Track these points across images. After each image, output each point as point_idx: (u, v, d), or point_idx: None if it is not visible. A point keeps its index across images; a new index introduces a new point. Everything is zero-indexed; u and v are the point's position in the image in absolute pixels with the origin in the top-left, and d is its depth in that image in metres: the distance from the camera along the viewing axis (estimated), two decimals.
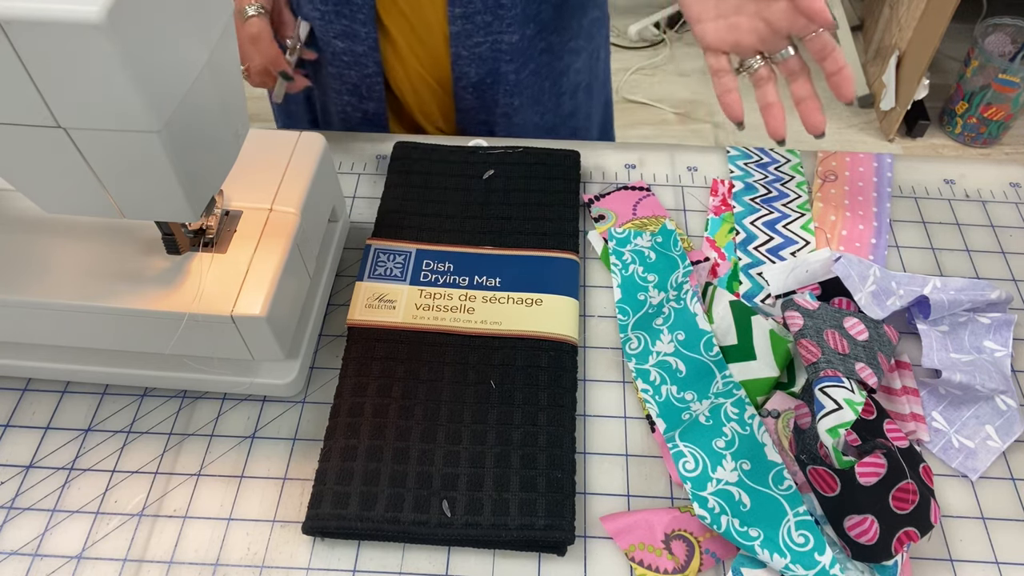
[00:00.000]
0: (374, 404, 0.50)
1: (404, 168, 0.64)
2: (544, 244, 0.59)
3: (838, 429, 0.45)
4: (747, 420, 0.49)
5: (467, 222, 0.60)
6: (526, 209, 0.61)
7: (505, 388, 0.51)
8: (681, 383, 0.52)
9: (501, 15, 0.66)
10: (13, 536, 0.46)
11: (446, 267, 0.57)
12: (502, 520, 0.45)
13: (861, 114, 1.99)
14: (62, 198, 0.42)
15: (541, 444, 0.48)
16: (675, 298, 0.54)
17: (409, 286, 0.56)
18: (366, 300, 0.55)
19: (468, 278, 0.57)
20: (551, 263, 0.58)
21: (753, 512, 0.45)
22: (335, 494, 0.46)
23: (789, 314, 0.52)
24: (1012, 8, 1.81)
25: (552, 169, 0.64)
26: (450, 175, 0.63)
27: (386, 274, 0.56)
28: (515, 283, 0.56)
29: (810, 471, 0.45)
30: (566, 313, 0.55)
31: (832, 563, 0.43)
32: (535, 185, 0.63)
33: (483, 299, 0.55)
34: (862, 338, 0.51)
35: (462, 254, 0.58)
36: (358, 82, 0.71)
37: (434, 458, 0.48)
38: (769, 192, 0.64)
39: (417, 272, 0.57)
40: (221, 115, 0.42)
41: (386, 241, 0.59)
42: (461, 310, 0.55)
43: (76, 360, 0.51)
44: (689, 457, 0.48)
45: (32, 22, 0.31)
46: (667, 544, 0.45)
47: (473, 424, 0.49)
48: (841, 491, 0.43)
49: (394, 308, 0.55)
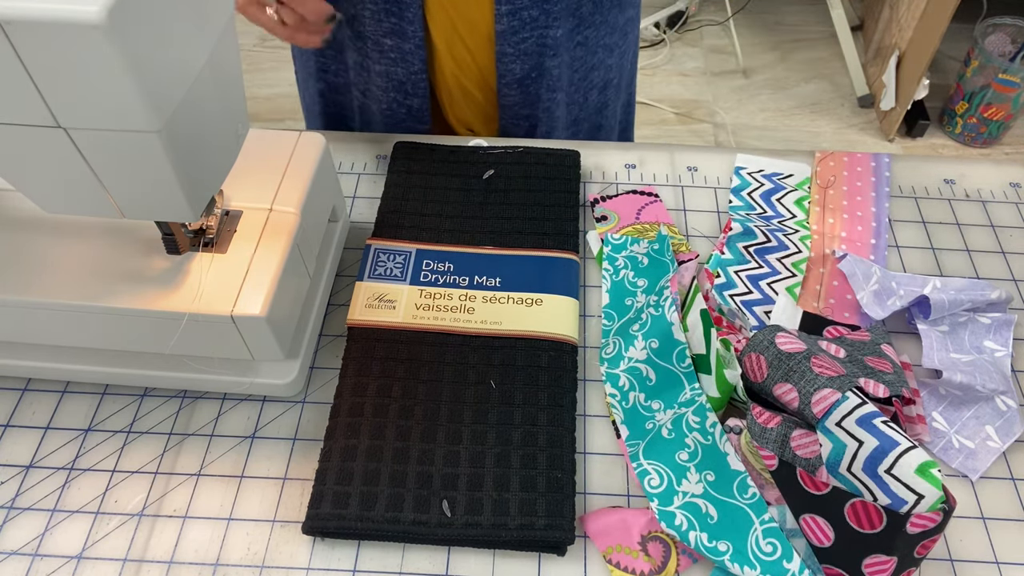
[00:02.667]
0: (374, 404, 0.50)
1: (404, 168, 0.64)
2: (544, 244, 0.59)
3: (928, 470, 0.42)
4: (709, 429, 0.48)
5: (467, 222, 0.60)
6: (526, 209, 0.61)
7: (505, 388, 0.51)
8: (649, 391, 0.51)
9: (547, 9, 0.66)
10: (13, 536, 0.46)
11: (446, 267, 0.57)
12: (502, 520, 0.45)
13: (861, 114, 1.99)
14: (62, 198, 0.42)
15: (541, 444, 0.48)
16: (655, 304, 0.54)
17: (409, 286, 0.56)
18: (366, 300, 0.55)
19: (468, 278, 0.57)
20: (551, 263, 0.58)
21: (720, 524, 0.45)
22: (335, 494, 0.46)
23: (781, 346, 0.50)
24: (1012, 8, 1.81)
25: (552, 169, 0.64)
26: (450, 175, 0.64)
27: (386, 274, 0.56)
28: (515, 283, 0.56)
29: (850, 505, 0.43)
30: (566, 313, 0.55)
31: (801, 569, 0.43)
32: (535, 185, 0.63)
33: (483, 299, 0.55)
34: (841, 355, 0.51)
35: (462, 254, 0.58)
36: (404, 79, 0.72)
37: (434, 458, 0.47)
38: (768, 241, 0.61)
39: (417, 272, 0.57)
40: (221, 115, 0.42)
41: (386, 241, 0.59)
42: (461, 310, 0.55)
43: (76, 360, 0.51)
44: (654, 474, 0.48)
45: (32, 22, 0.31)
46: (643, 546, 0.46)
47: (473, 424, 0.49)
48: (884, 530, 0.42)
49: (394, 308, 0.55)
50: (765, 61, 2.14)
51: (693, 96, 2.04)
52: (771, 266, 0.59)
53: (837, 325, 0.56)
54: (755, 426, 0.48)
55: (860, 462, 0.44)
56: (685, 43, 2.20)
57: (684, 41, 2.20)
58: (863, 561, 0.42)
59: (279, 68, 2.07)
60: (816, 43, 2.19)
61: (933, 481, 0.41)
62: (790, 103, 2.02)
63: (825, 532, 0.44)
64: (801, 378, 0.47)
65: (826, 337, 0.54)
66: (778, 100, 2.03)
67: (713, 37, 2.21)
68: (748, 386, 0.51)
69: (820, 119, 1.98)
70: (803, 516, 0.44)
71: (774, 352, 0.49)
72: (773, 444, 0.47)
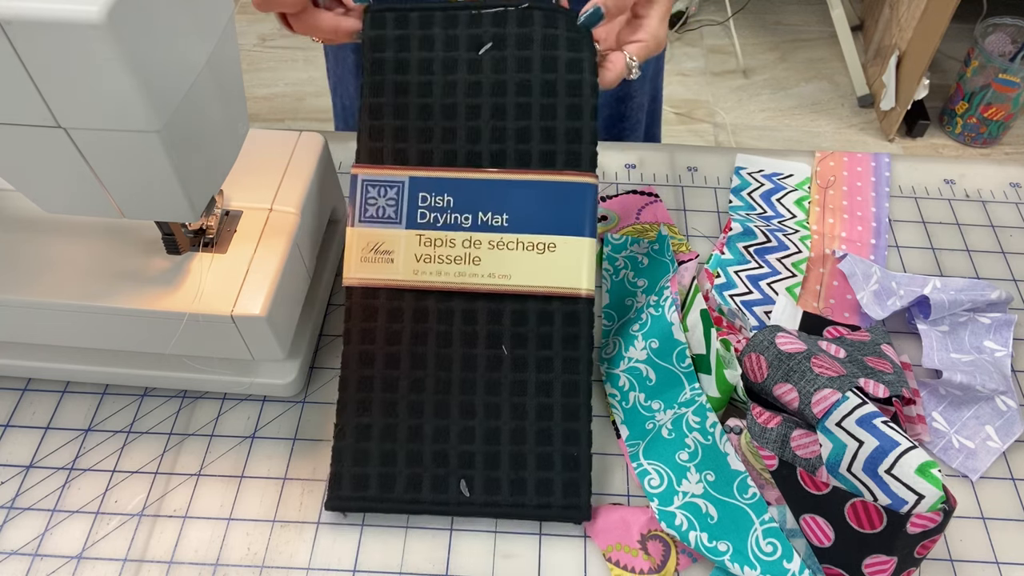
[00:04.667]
0: (383, 377, 0.49)
1: (381, 55, 0.51)
2: (555, 162, 0.50)
3: (929, 470, 0.42)
4: (709, 429, 0.48)
5: (463, 127, 0.51)
6: (532, 109, 0.51)
7: (518, 354, 0.49)
8: (649, 391, 0.51)
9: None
10: (13, 536, 0.46)
11: (445, 201, 0.50)
12: (519, 499, 0.46)
13: (861, 114, 1.99)
14: (62, 198, 0.42)
15: (556, 418, 0.48)
16: (655, 304, 0.53)
17: (406, 230, 0.50)
18: (361, 252, 0.50)
19: (471, 216, 0.50)
20: (564, 191, 0.50)
21: (720, 524, 0.45)
22: (354, 476, 0.47)
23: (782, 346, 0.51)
24: (1012, 8, 1.81)
25: (560, 42, 0.51)
26: (440, 53, 0.51)
27: (379, 215, 0.50)
28: (524, 222, 0.50)
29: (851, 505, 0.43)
30: (581, 258, 0.49)
31: (801, 569, 0.43)
32: (543, 66, 0.51)
33: (489, 244, 0.50)
34: (841, 356, 0.51)
35: (462, 181, 0.50)
36: None
37: (449, 435, 0.48)
38: (768, 241, 0.61)
39: (413, 210, 0.50)
40: (221, 115, 0.42)
41: (373, 168, 0.50)
42: (466, 260, 0.50)
43: (76, 360, 0.51)
44: (654, 474, 0.48)
45: (32, 22, 0.31)
46: (643, 544, 0.46)
47: (486, 396, 0.48)
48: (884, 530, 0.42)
49: (392, 261, 0.49)
50: (765, 61, 2.14)
51: (693, 96, 2.04)
52: (771, 266, 0.59)
53: (837, 325, 0.56)
54: (755, 426, 0.48)
55: (860, 462, 0.44)
56: (685, 43, 2.20)
57: (684, 41, 2.20)
58: (863, 561, 0.42)
59: (279, 68, 2.07)
60: (816, 43, 2.19)
61: (933, 481, 0.41)
62: (790, 103, 2.02)
63: (825, 532, 0.43)
64: (801, 378, 0.47)
65: (826, 337, 0.54)
66: (778, 100, 2.03)
67: (713, 37, 2.21)
68: (748, 386, 0.51)
69: (820, 119, 1.98)
70: (803, 516, 0.44)
71: (774, 352, 0.49)
72: (773, 444, 0.47)
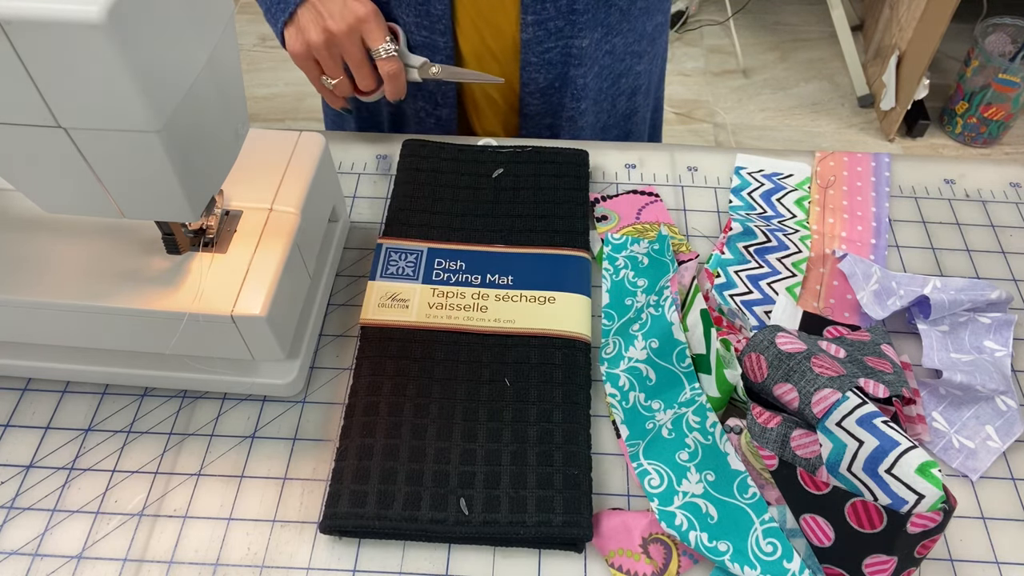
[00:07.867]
0: (389, 403, 0.50)
1: (413, 166, 0.64)
2: (555, 242, 0.59)
3: (929, 470, 0.42)
4: (709, 429, 0.48)
5: (477, 220, 0.60)
6: (536, 207, 0.61)
7: (520, 386, 0.51)
8: (649, 391, 0.51)
9: (574, 20, 0.66)
10: (13, 536, 0.46)
11: (458, 266, 0.57)
12: (519, 518, 0.45)
13: (861, 114, 1.99)
14: (62, 198, 0.42)
15: (557, 441, 0.48)
16: (655, 304, 0.54)
17: (422, 285, 0.56)
18: (379, 300, 0.55)
19: (480, 276, 0.57)
20: (563, 261, 0.58)
21: (721, 524, 0.45)
22: (352, 493, 0.46)
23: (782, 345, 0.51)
24: (1012, 8, 1.81)
25: (562, 167, 0.64)
26: (460, 173, 0.64)
27: (398, 273, 0.56)
28: (527, 281, 0.56)
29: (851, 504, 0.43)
30: (579, 311, 0.55)
31: (801, 569, 0.43)
32: (545, 183, 0.63)
33: (496, 297, 0.55)
34: (841, 356, 0.51)
35: (474, 252, 0.58)
36: (434, 89, 0.73)
37: (450, 456, 0.48)
38: (768, 241, 0.61)
39: (429, 271, 0.57)
40: (221, 115, 0.42)
41: (397, 240, 0.58)
42: (474, 308, 0.55)
43: (76, 360, 0.51)
44: (654, 474, 0.48)
45: (32, 22, 0.31)
46: (645, 548, 0.46)
47: (489, 422, 0.49)
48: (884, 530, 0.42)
49: (407, 307, 0.55)
50: (765, 61, 2.14)
51: (693, 96, 2.04)
52: (771, 266, 0.59)
53: (837, 325, 0.56)
54: (755, 426, 0.48)
55: (860, 462, 0.44)
56: (685, 43, 2.20)
57: (684, 41, 2.20)
58: (863, 561, 0.42)
59: (279, 68, 2.07)
60: (816, 43, 2.19)
61: (933, 481, 0.41)
62: (790, 103, 2.02)
63: (825, 532, 0.43)
64: (801, 378, 0.47)
65: (826, 337, 0.54)
66: (778, 100, 2.03)
67: (713, 37, 2.21)
68: (748, 386, 0.51)
69: (820, 119, 1.98)
70: (803, 516, 0.44)
71: (774, 352, 0.49)
72: (773, 444, 0.47)
